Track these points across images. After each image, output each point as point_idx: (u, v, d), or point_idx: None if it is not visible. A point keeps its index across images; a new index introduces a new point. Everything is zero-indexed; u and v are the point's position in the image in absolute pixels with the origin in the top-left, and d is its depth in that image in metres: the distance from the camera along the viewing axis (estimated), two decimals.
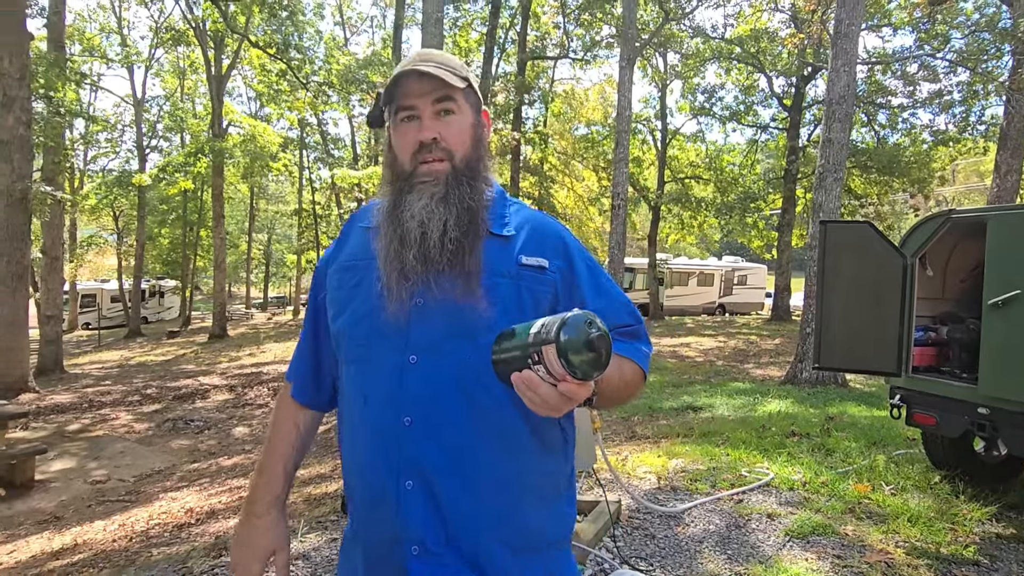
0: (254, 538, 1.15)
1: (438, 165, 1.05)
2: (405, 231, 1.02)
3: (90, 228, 31.90)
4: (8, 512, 5.72)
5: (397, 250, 1.01)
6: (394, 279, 1.00)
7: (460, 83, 1.06)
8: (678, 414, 7.41)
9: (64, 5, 14.01)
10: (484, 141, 1.12)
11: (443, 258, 1.00)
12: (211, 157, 20.51)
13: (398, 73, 1.05)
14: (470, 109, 1.10)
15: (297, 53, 16.86)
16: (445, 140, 1.05)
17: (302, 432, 1.21)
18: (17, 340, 10.30)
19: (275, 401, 1.28)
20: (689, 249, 43.08)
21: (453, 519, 0.99)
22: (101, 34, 25.59)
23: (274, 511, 1.16)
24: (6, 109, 9.92)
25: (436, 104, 1.05)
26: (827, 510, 3.59)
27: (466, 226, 1.02)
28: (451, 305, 1.00)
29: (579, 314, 0.74)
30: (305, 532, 3.39)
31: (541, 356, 0.74)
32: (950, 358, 4.01)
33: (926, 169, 20.25)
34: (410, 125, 1.06)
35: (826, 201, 8.58)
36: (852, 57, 8.68)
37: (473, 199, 1.04)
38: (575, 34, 22.55)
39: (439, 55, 1.09)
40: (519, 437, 1.02)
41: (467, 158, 1.07)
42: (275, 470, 1.18)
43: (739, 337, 17.74)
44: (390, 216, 1.05)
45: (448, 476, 0.98)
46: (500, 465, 1.00)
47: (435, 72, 1.03)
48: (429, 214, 1.02)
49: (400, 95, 1.06)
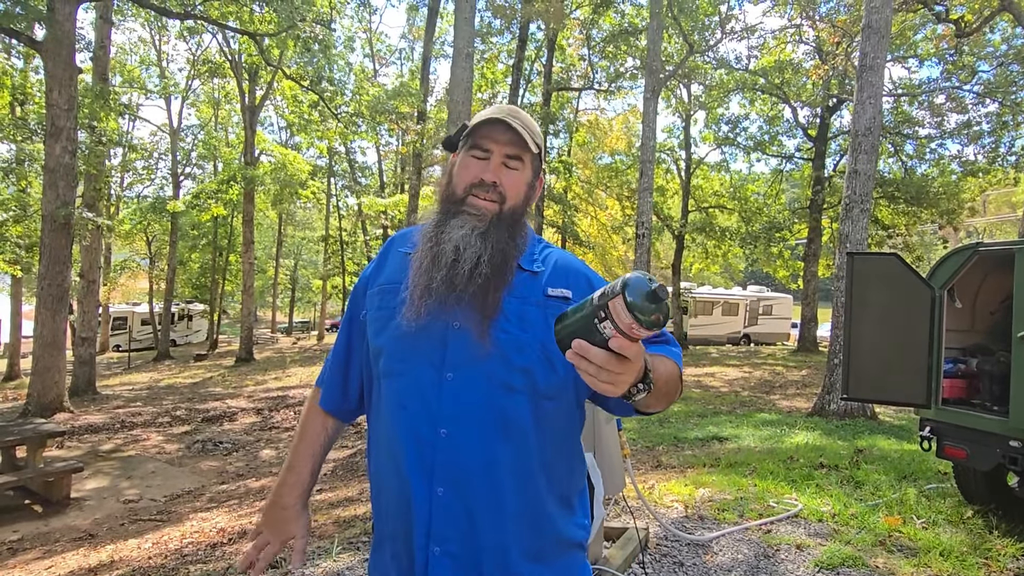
0: (280, 525, 1.28)
1: (489, 204, 1.16)
2: (440, 252, 1.11)
3: (123, 252, 32.71)
4: (45, 528, 5.86)
5: (428, 267, 1.11)
6: (418, 292, 1.10)
7: (534, 148, 1.18)
8: (704, 444, 7.36)
9: (109, 39, 14.64)
10: (532, 200, 1.25)
11: (468, 288, 1.09)
12: (243, 184, 21.04)
13: (489, 117, 1.17)
14: (531, 171, 1.22)
15: (329, 85, 17.33)
16: (503, 186, 1.17)
17: (330, 435, 1.33)
18: (55, 360, 10.59)
19: (305, 402, 1.39)
20: (713, 278, 42.77)
21: (480, 525, 1.07)
22: (141, 66, 26.57)
23: (299, 504, 1.29)
24: (54, 139, 10.36)
25: (508, 156, 1.18)
26: (857, 542, 3.56)
27: (498, 266, 1.11)
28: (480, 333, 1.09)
29: (637, 272, 0.82)
30: (339, 552, 3.46)
31: (608, 312, 0.80)
32: (980, 390, 3.99)
33: (955, 200, 20.01)
34: (478, 162, 1.18)
35: (853, 232, 8.56)
36: (878, 89, 8.73)
37: (508, 244, 1.15)
38: (600, 66, 22.90)
39: (526, 117, 1.22)
40: (545, 452, 1.11)
41: (514, 208, 1.18)
42: (304, 467, 1.30)
43: (765, 367, 17.54)
44: (431, 234, 1.15)
45: (478, 485, 1.07)
46: (525, 477, 1.09)
47: (520, 130, 1.15)
48: (467, 244, 1.11)
49: (480, 135, 1.18)
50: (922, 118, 20.76)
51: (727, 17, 19.91)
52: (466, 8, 9.00)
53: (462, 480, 1.07)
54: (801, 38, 21.61)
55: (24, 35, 10.81)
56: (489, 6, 18.63)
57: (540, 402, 1.10)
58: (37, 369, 10.57)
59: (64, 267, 10.65)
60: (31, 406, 10.43)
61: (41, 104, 13.97)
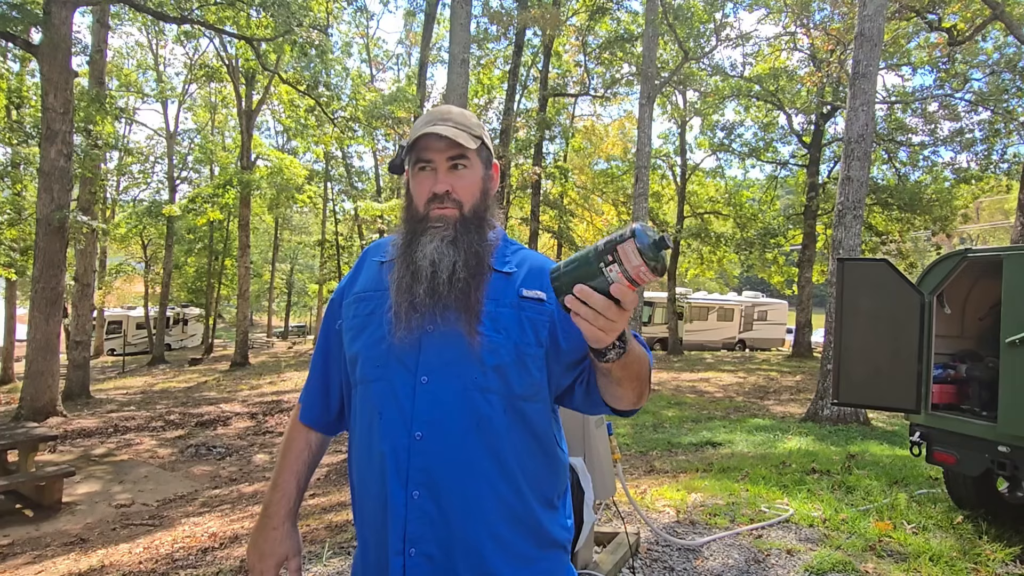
0: (271, 546, 1.26)
1: (449, 212, 1.17)
2: (417, 268, 1.13)
3: (119, 256, 32.64)
4: (36, 533, 5.83)
5: (409, 284, 1.12)
6: (404, 309, 1.11)
7: (473, 143, 1.18)
8: (697, 449, 7.38)
9: (106, 43, 14.66)
10: (491, 192, 1.25)
11: (451, 295, 1.11)
12: (239, 189, 21.04)
13: (420, 132, 1.17)
14: (481, 164, 1.23)
15: (326, 89, 17.37)
16: (456, 192, 1.18)
17: (314, 450, 1.32)
18: (48, 364, 10.55)
19: (289, 420, 1.39)
20: (709, 284, 42.88)
21: (456, 527, 1.08)
22: (138, 70, 26.57)
23: (288, 522, 1.28)
24: (49, 142, 10.35)
25: (450, 161, 1.18)
26: (847, 547, 3.58)
27: (473, 268, 1.13)
28: (459, 332, 1.10)
29: (639, 223, 0.86)
30: (329, 556, 3.45)
31: (616, 255, 0.84)
32: (970, 396, 4.01)
33: (948, 207, 20.15)
34: (426, 175, 1.19)
35: (846, 238, 8.61)
36: (871, 97, 8.79)
37: (480, 245, 1.16)
38: (596, 72, 22.99)
39: (458, 114, 1.22)
40: (521, 453, 1.12)
41: (475, 207, 1.20)
42: (289, 485, 1.28)
43: (759, 373, 17.57)
44: (404, 253, 1.16)
45: (453, 487, 1.08)
46: (502, 479, 1.10)
47: (451, 135, 1.15)
48: (440, 255, 1.13)
49: (419, 148, 1.19)
50: (915, 125, 20.91)
51: (722, 24, 20.02)
52: (462, 14, 9.04)
53: (437, 482, 1.08)
54: (795, 45, 21.75)
55: (20, 39, 10.81)
56: (486, 12, 18.75)
57: (515, 403, 1.11)
58: (30, 373, 10.53)
59: (58, 271, 10.63)
60: (24, 410, 10.39)
61: (37, 107, 13.98)
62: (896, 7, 13.30)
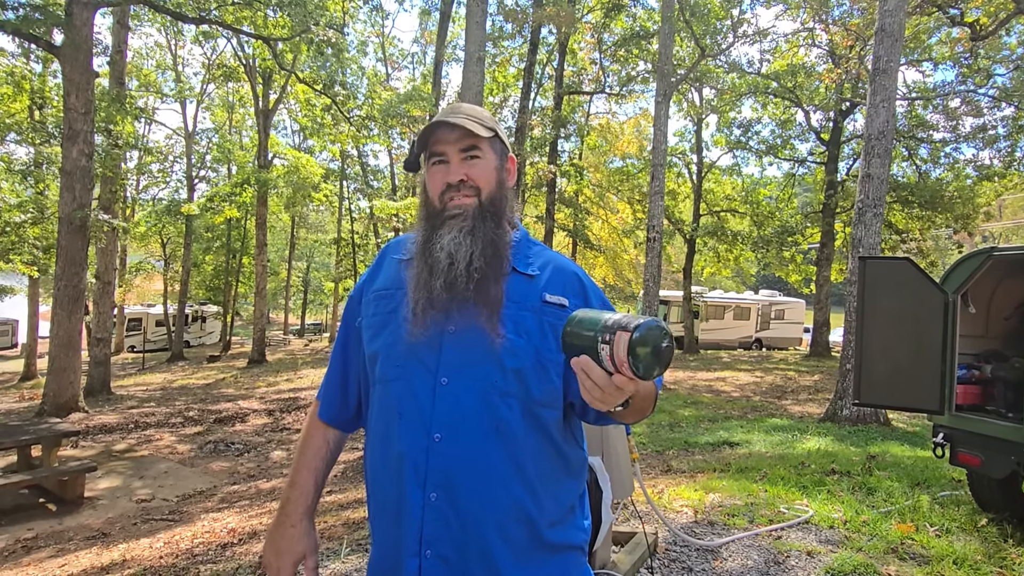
0: (289, 544, 1.24)
1: (467, 200, 1.16)
2: (435, 261, 1.12)
3: (138, 254, 33.04)
4: (59, 527, 5.92)
5: (426, 279, 1.11)
6: (421, 305, 1.10)
7: (486, 133, 1.17)
8: (714, 449, 7.33)
9: (126, 44, 14.82)
10: (508, 184, 1.23)
11: (468, 287, 1.09)
12: (256, 187, 21.21)
13: (431, 123, 1.18)
14: (495, 155, 1.22)
15: (342, 88, 17.45)
16: (472, 179, 1.17)
17: (331, 448, 1.31)
18: (70, 361, 10.71)
19: (306, 417, 1.39)
20: (725, 282, 42.58)
21: (473, 529, 1.06)
22: (157, 70, 26.86)
23: (306, 520, 1.26)
24: (71, 142, 10.50)
25: (463, 152, 1.17)
26: (869, 549, 3.53)
27: (491, 258, 1.12)
28: (480, 329, 1.09)
29: (655, 320, 0.84)
30: (347, 553, 3.47)
31: (612, 339, 0.83)
32: (995, 396, 3.95)
33: (970, 204, 19.80)
34: (440, 168, 1.19)
35: (865, 236, 8.50)
36: (891, 93, 8.67)
37: (496, 234, 1.15)
38: (611, 70, 22.88)
39: (468, 108, 1.22)
40: (539, 457, 1.11)
41: (492, 196, 1.18)
42: (307, 483, 1.27)
43: (776, 372, 17.42)
44: (423, 249, 1.16)
45: (471, 490, 1.07)
46: (520, 483, 1.09)
47: (462, 123, 1.14)
48: (457, 246, 1.12)
49: (432, 142, 1.19)
50: (937, 122, 20.58)
51: (739, 21, 19.82)
52: (478, 12, 9.04)
53: (455, 484, 1.07)
54: (814, 42, 21.50)
55: (43, 40, 10.98)
56: (501, 10, 18.70)
57: (533, 408, 1.10)
58: (53, 369, 10.70)
59: (80, 268, 10.78)
60: (47, 406, 10.56)
61: (59, 108, 14.19)
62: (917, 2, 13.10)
